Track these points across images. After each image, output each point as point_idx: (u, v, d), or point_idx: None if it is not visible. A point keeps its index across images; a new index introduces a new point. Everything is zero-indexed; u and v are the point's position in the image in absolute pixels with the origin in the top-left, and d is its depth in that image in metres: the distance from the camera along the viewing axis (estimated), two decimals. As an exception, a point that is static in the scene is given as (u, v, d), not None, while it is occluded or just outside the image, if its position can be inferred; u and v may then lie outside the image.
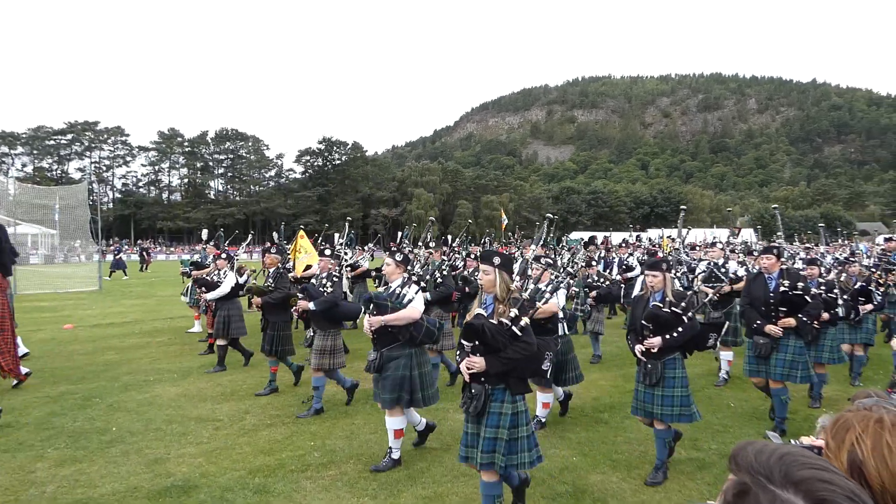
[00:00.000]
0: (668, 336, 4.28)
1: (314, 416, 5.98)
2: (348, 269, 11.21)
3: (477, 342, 3.35)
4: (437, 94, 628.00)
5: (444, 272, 7.41)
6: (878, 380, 7.38)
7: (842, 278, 7.39)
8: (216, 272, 8.57)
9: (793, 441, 1.69)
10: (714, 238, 10.14)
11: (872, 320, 7.74)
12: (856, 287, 7.31)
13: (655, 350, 4.31)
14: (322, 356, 5.98)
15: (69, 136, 73.08)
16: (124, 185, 79.56)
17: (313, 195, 77.58)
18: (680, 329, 4.27)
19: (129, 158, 78.67)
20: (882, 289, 7.88)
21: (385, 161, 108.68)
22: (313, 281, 6.30)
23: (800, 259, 9.75)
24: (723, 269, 7.79)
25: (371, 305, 4.73)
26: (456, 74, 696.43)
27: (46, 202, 25.23)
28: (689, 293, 4.47)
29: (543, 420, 5.61)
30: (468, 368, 3.38)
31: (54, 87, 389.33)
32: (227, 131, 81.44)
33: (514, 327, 3.32)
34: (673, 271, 4.99)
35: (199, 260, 10.91)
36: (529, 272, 4.89)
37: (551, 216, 6.56)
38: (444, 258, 8.11)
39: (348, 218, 8.19)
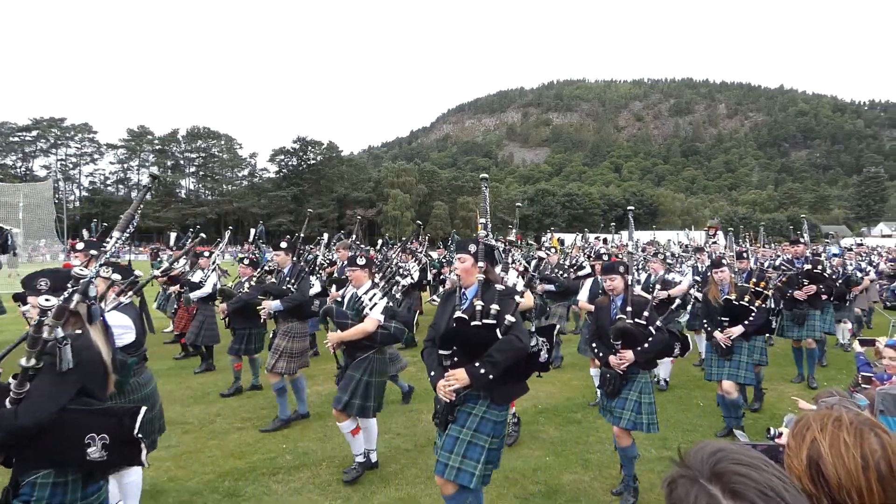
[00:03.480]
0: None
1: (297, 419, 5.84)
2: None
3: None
4: (413, 94, 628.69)
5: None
6: (841, 379, 7.51)
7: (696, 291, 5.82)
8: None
9: (771, 429, 1.73)
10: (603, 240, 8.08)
11: (750, 348, 5.34)
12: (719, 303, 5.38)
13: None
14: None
15: (34, 133, 70.88)
16: (91, 184, 77.40)
17: (287, 195, 76.72)
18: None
19: (96, 156, 76.67)
20: (758, 302, 5.50)
21: (361, 161, 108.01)
22: None
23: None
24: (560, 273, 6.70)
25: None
26: (432, 75, 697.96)
27: (10, 200, 24.61)
28: None
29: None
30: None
31: (18, 81, 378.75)
32: (198, 129, 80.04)
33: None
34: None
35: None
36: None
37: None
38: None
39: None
